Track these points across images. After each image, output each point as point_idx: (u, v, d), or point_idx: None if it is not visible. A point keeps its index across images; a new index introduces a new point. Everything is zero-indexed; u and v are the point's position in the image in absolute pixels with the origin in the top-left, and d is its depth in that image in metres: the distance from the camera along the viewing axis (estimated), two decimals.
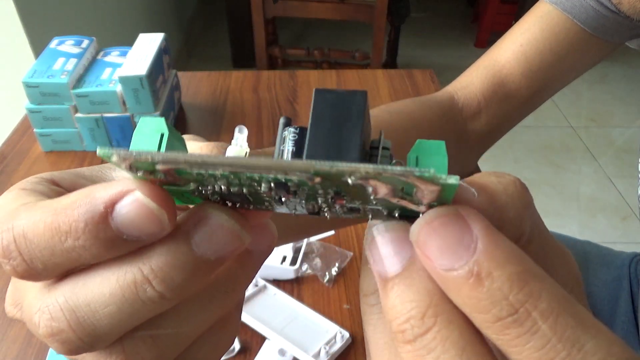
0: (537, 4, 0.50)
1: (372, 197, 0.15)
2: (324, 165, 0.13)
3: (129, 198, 0.15)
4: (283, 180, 0.14)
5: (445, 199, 0.15)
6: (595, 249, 0.68)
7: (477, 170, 0.62)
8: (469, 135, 0.51)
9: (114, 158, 0.14)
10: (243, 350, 0.47)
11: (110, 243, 0.15)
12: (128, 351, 0.17)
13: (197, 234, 0.16)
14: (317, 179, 0.14)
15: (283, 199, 0.16)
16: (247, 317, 0.49)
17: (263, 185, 0.15)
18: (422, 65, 2.35)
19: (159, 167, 0.14)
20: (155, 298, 0.16)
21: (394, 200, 0.15)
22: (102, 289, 0.16)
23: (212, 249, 0.16)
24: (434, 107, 0.49)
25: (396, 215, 0.16)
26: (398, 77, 0.83)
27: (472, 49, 2.61)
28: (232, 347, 0.47)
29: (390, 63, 2.29)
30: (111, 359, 0.17)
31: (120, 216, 0.15)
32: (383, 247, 0.16)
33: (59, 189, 0.19)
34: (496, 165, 1.85)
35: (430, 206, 0.15)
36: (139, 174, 0.15)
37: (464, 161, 0.55)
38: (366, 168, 0.13)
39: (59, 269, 0.16)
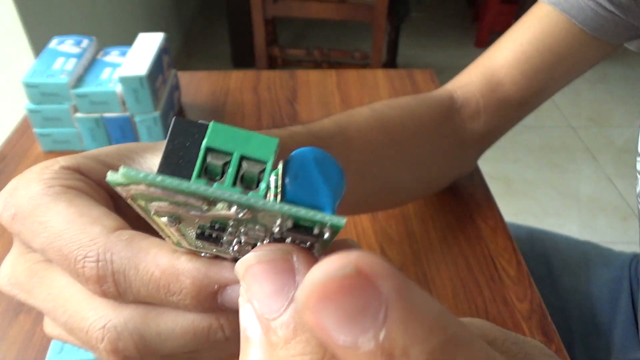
0: (536, 5, 0.50)
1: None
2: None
3: (236, 288, 0.17)
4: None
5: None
6: (595, 249, 0.68)
7: (477, 170, 0.62)
8: (467, 134, 0.51)
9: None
10: None
11: (209, 308, 0.18)
12: None
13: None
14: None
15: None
16: None
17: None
18: (422, 65, 2.35)
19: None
20: (222, 339, 0.19)
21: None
22: (175, 325, 0.18)
23: None
24: (434, 104, 0.49)
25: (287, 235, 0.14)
26: (398, 77, 0.83)
27: (472, 49, 2.61)
28: None
29: (390, 63, 2.29)
30: None
31: (228, 296, 0.17)
32: (264, 282, 0.13)
33: (90, 181, 0.21)
34: (496, 165, 1.85)
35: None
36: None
37: (463, 161, 0.55)
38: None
39: (146, 301, 0.19)
